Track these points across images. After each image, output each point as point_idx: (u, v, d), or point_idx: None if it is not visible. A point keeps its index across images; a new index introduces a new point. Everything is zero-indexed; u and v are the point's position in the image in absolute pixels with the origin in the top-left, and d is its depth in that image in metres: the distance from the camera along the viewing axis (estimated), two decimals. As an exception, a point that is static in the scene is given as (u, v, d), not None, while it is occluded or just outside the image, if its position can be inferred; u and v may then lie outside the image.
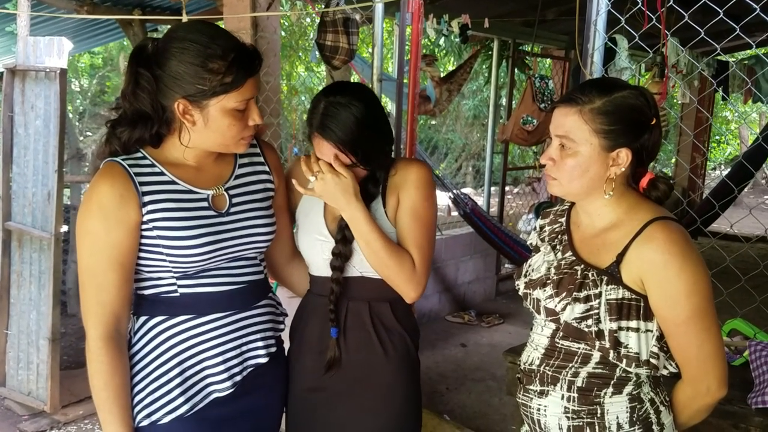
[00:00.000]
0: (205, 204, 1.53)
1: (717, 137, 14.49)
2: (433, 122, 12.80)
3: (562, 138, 1.39)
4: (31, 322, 3.64)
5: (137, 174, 1.47)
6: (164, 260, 1.48)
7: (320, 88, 12.39)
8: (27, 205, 3.62)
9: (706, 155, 7.91)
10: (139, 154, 1.52)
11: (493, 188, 6.51)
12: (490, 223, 4.96)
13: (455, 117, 13.21)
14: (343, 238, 1.64)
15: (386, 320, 1.69)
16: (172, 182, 1.51)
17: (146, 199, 1.46)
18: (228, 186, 1.59)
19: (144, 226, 1.46)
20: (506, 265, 6.29)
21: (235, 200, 1.58)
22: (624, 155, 1.37)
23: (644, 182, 1.43)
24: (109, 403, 1.46)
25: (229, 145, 1.52)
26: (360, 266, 1.68)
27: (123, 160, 1.48)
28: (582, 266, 1.42)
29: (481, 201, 6.46)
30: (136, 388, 1.53)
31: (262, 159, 1.69)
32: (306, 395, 1.73)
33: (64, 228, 3.74)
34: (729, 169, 6.84)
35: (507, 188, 6.89)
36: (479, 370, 4.36)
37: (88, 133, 12.86)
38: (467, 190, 11.48)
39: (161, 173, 1.50)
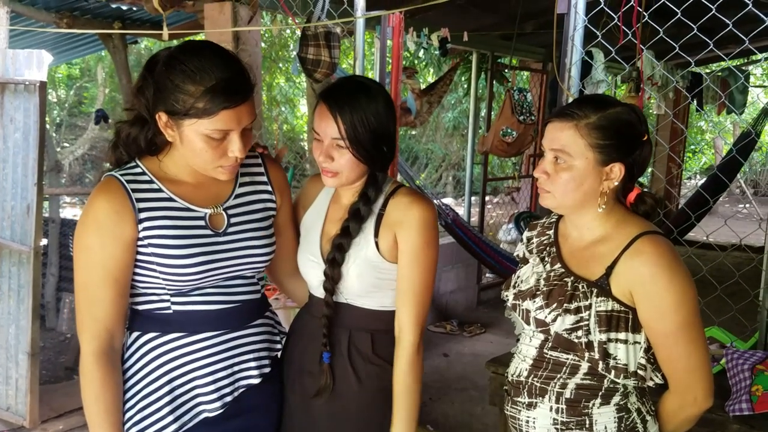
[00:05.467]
0: (202, 223, 1.52)
1: (692, 147, 14.71)
2: (413, 132, 12.87)
3: (557, 152, 1.42)
4: (10, 337, 3.59)
5: (135, 190, 1.47)
6: (158, 277, 1.48)
7: (300, 99, 12.39)
8: (6, 218, 3.58)
9: (681, 166, 8.03)
10: (138, 170, 1.51)
11: (473, 198, 6.56)
12: (471, 233, 5.00)
13: (435, 127, 13.27)
14: (333, 260, 1.60)
15: (364, 350, 1.64)
16: (170, 199, 1.50)
17: (142, 215, 1.46)
18: (227, 205, 1.57)
19: (139, 243, 1.46)
20: (487, 275, 6.34)
21: (233, 220, 1.57)
22: (617, 170, 1.40)
23: (632, 197, 1.47)
24: (99, 419, 1.46)
25: (207, 169, 1.49)
26: (346, 293, 1.63)
27: (122, 175, 1.48)
28: (572, 278, 1.45)
29: (461, 211, 6.51)
30: (126, 405, 1.52)
31: (265, 178, 1.67)
32: (289, 417, 1.71)
33: (44, 241, 3.71)
34: (704, 180, 6.95)
35: (486, 198, 6.94)
36: (462, 379, 4.39)
37: (66, 145, 12.74)
38: (448, 200, 11.53)
39: (159, 189, 1.50)
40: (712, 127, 13.87)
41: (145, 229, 1.46)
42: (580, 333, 1.40)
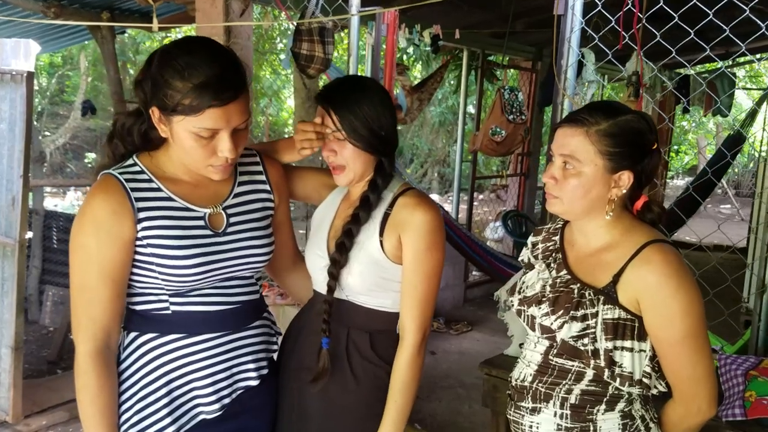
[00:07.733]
0: (201, 223, 1.50)
1: (676, 147, 14.85)
2: (399, 128, 12.85)
3: (566, 157, 1.41)
4: (-7, 331, 3.55)
5: (133, 189, 1.44)
6: (157, 277, 1.46)
7: (287, 91, 12.31)
8: (-10, 210, 3.52)
9: (667, 165, 8.10)
10: (136, 168, 1.49)
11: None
12: (459, 231, 5.00)
13: (421, 123, 13.27)
14: (341, 244, 1.59)
15: (362, 349, 1.64)
16: (169, 199, 1.48)
17: (141, 215, 1.43)
18: (226, 205, 1.56)
19: (138, 243, 1.44)
20: (474, 273, 6.35)
21: (232, 220, 1.55)
22: (626, 177, 1.40)
23: (639, 204, 1.47)
24: (95, 420, 1.44)
25: (198, 168, 1.47)
26: (347, 289, 1.63)
27: (120, 173, 1.46)
28: (578, 285, 1.44)
29: (448, 208, 6.51)
30: (123, 406, 1.50)
31: (263, 177, 1.66)
32: (286, 414, 1.71)
33: (29, 234, 3.65)
34: (692, 180, 7.01)
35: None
36: (448, 377, 4.39)
37: (47, 133, 12.59)
38: (434, 197, 11.54)
39: (158, 189, 1.48)
40: (695, 127, 14.02)
41: (144, 229, 1.44)
42: (586, 341, 1.40)
